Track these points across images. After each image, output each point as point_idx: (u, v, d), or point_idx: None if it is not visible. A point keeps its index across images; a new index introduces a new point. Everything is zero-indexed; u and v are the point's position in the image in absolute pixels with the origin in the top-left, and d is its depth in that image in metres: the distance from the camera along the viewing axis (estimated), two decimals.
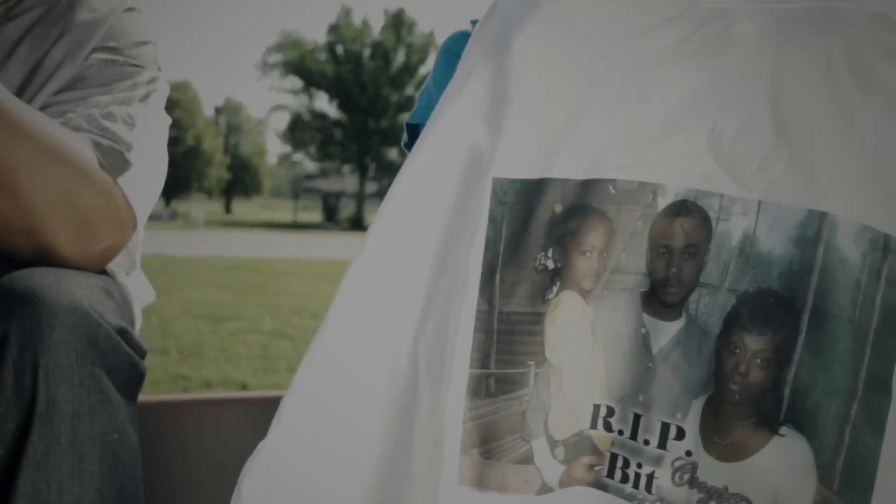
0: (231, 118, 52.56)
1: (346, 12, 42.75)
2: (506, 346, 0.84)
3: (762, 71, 0.80)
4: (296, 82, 43.31)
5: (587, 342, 0.85)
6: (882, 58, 0.76)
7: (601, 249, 0.84)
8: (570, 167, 0.84)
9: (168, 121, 1.34)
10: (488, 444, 0.85)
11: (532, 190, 0.84)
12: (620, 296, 0.85)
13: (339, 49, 42.27)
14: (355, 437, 0.86)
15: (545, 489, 0.85)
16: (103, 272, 1.15)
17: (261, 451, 0.84)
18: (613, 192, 0.83)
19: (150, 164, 1.23)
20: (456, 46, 1.15)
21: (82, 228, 1.04)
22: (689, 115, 0.82)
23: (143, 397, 1.30)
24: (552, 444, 0.85)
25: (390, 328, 0.86)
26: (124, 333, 1.01)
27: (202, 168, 42.65)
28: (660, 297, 0.84)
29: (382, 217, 0.86)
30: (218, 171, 44.43)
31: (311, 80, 42.14)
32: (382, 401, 0.86)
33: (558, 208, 0.84)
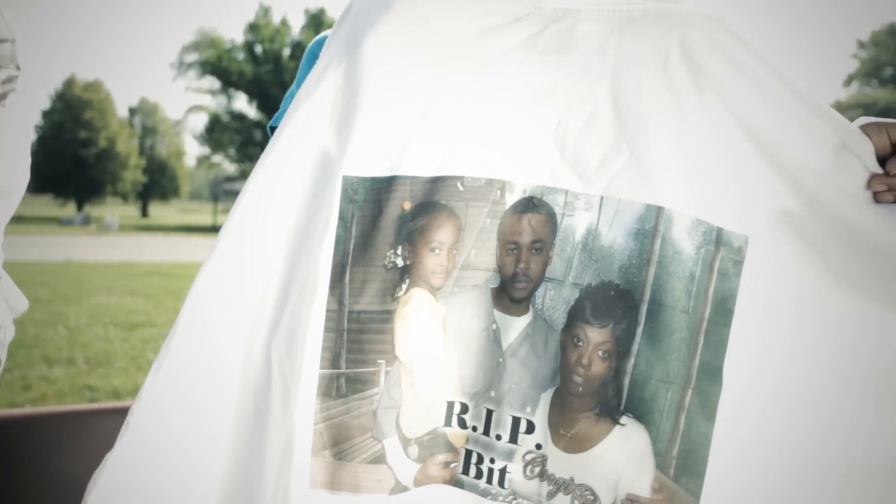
0: (146, 119, 50.87)
1: (265, 11, 42.06)
2: (356, 345, 0.84)
3: (604, 69, 0.82)
4: (213, 82, 42.37)
5: (438, 339, 0.85)
6: (717, 58, 0.80)
7: (450, 246, 0.84)
8: (419, 165, 0.84)
9: (32, 121, 1.29)
10: (339, 444, 0.84)
11: (381, 188, 0.84)
12: (471, 292, 0.85)
13: (258, 49, 41.54)
14: (207, 443, 0.84)
15: (399, 488, 0.85)
16: None
17: (108, 463, 0.81)
18: (462, 189, 0.84)
19: (6, 166, 1.18)
20: (319, 50, 1.15)
21: None
22: (535, 113, 0.83)
23: (2, 412, 1.24)
24: (405, 442, 0.85)
25: (243, 331, 0.84)
26: None
27: (116, 171, 41.22)
28: (509, 293, 0.84)
29: (233, 218, 0.84)
30: (133, 174, 43.01)
31: (229, 80, 41.26)
32: (235, 405, 0.84)
33: (407, 206, 0.84)
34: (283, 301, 0.85)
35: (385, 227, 0.84)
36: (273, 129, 1.17)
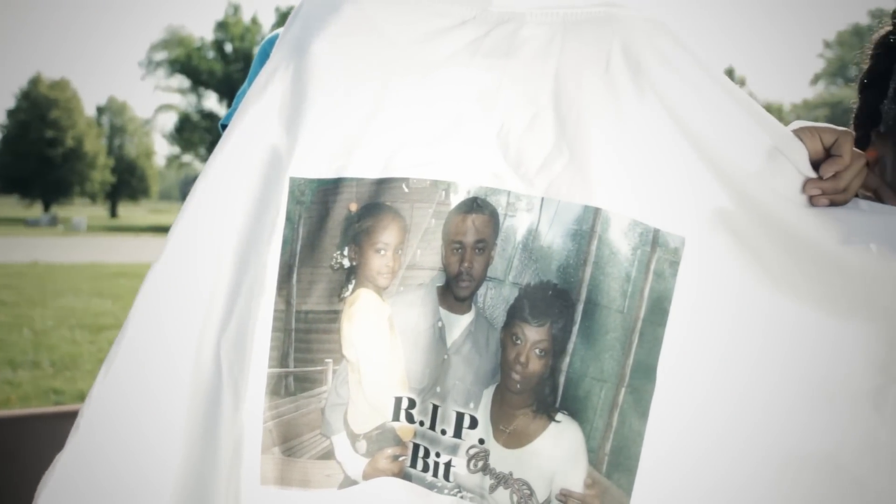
0: (115, 118, 50.13)
1: (235, 9, 41.65)
2: (304, 344, 0.86)
3: (547, 72, 0.83)
4: (183, 81, 41.85)
5: (385, 338, 0.87)
6: (657, 61, 0.81)
7: (395, 247, 0.86)
8: (365, 167, 0.85)
9: None
10: (289, 441, 0.86)
11: (328, 189, 0.85)
12: (417, 291, 0.87)
13: (228, 47, 41.12)
14: (158, 442, 0.85)
15: (348, 482, 0.87)
16: None
17: (58, 464, 0.82)
18: (407, 190, 0.86)
19: None
20: (272, 49, 1.15)
21: None
22: (479, 115, 0.85)
23: None
24: (353, 438, 0.87)
25: (192, 331, 0.85)
26: None
27: (84, 171, 40.57)
28: (453, 292, 0.87)
29: (183, 218, 0.85)
30: (102, 174, 42.37)
31: (199, 78, 40.78)
32: (186, 404, 0.85)
33: (353, 207, 0.86)
34: (231, 301, 0.86)
35: (332, 228, 0.86)
36: (225, 126, 1.18)
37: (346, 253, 0.86)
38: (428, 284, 0.87)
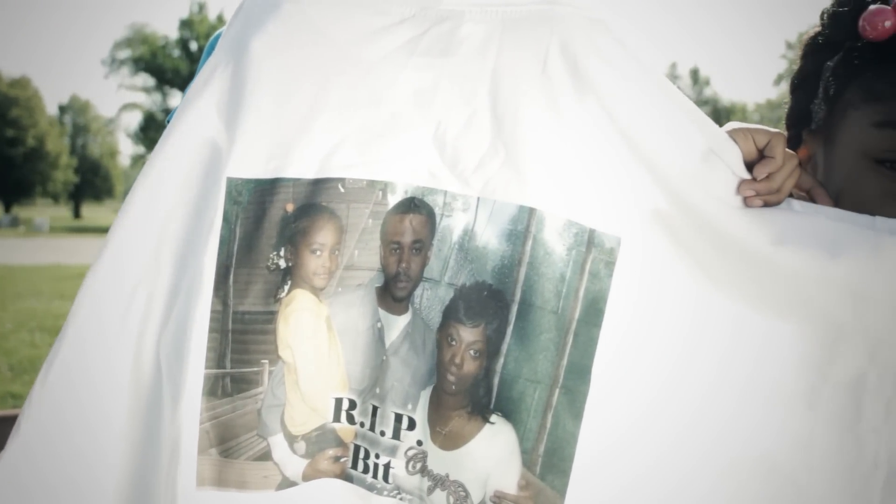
0: (77, 117, 49.30)
1: (200, 7, 41.12)
2: (240, 345, 0.85)
3: (484, 71, 0.83)
4: (147, 79, 41.24)
5: (322, 338, 0.87)
6: (596, 59, 0.81)
7: (331, 247, 0.86)
8: (301, 167, 0.85)
9: None
10: (226, 442, 0.85)
11: (265, 190, 0.85)
12: (356, 292, 0.87)
13: (193, 45, 40.61)
14: (99, 444, 0.84)
15: (286, 483, 0.87)
16: None
17: None
18: (343, 190, 0.85)
19: None
20: None
21: None
22: (416, 115, 0.84)
23: None
24: (291, 439, 0.87)
25: (132, 332, 0.85)
26: None
27: (46, 171, 39.87)
28: (391, 292, 0.87)
29: (123, 217, 0.84)
30: (64, 174, 41.67)
31: (164, 77, 40.21)
32: (126, 406, 0.85)
33: (290, 208, 0.85)
34: (171, 301, 0.85)
35: (268, 228, 0.85)
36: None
37: (282, 254, 0.86)
38: (366, 285, 0.87)
